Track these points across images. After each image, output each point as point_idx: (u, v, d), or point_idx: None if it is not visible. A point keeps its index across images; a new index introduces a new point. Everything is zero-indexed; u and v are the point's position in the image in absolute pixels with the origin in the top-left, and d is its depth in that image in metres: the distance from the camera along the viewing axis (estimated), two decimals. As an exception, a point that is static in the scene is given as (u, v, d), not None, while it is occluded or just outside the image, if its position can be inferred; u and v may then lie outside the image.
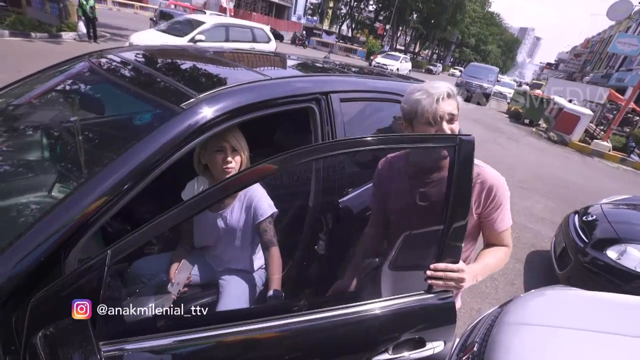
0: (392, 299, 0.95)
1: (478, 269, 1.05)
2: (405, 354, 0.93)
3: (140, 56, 1.41)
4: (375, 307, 0.92)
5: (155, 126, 0.95)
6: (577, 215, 3.17)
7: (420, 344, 0.95)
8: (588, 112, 10.78)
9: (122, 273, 0.79)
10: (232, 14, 29.16)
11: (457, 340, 1.61)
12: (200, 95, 1.03)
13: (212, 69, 1.43)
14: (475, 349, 1.42)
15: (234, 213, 1.27)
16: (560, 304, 1.52)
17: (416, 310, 0.95)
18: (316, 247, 1.30)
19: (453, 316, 1.00)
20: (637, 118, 12.27)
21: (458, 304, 1.30)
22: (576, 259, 2.69)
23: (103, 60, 1.34)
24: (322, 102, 1.35)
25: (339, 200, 1.42)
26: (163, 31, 7.80)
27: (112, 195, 0.81)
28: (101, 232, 1.12)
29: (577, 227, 2.97)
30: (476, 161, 1.07)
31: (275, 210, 1.26)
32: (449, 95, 1.03)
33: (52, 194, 1.08)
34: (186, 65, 1.43)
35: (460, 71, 30.06)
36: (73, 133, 1.29)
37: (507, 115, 14.53)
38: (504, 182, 1.13)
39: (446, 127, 1.02)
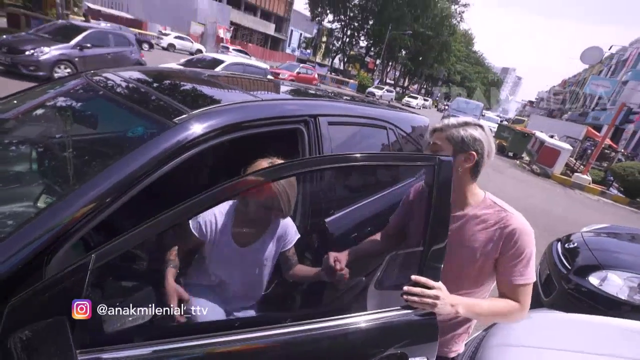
0: (376, 312, 0.95)
1: (462, 302, 0.99)
2: (390, 368, 0.93)
3: (137, 75, 1.47)
4: (359, 320, 0.92)
5: (147, 139, 0.98)
6: (559, 243, 3.23)
7: (403, 358, 0.95)
8: (568, 146, 11.28)
9: (103, 283, 0.78)
10: (229, 44, 30.26)
11: None
12: (193, 112, 1.07)
13: (205, 89, 1.49)
14: None
15: (266, 245, 1.19)
16: (543, 326, 1.53)
17: (399, 326, 0.95)
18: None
19: (435, 334, 1.00)
20: (613, 154, 12.86)
21: (461, 348, 1.26)
22: (560, 286, 2.72)
23: (100, 77, 1.39)
24: (311, 124, 1.41)
25: (326, 220, 1.44)
26: (182, 65, 7.69)
27: (100, 203, 0.82)
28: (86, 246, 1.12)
29: (560, 255, 3.02)
30: (505, 205, 1.11)
31: (299, 235, 1.22)
32: (434, 130, 1.13)
33: (38, 204, 1.08)
34: (181, 85, 1.49)
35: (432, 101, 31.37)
36: (64, 146, 1.31)
37: (492, 148, 15.04)
38: (531, 232, 1.07)
39: None
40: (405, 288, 0.94)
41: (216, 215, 1.14)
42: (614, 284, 2.47)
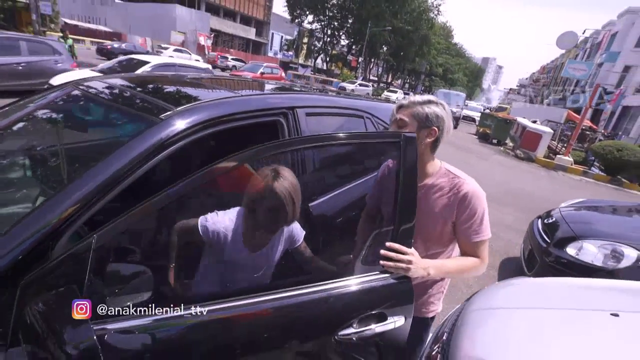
0: (356, 277, 1.05)
1: (431, 264, 1.12)
2: (371, 326, 1.02)
3: (124, 81, 1.54)
4: (339, 285, 1.02)
5: (136, 135, 1.06)
6: (540, 220, 3.40)
7: (382, 318, 1.05)
8: (549, 130, 11.62)
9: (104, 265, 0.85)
10: (210, 51, 30.17)
11: (431, 335, 1.70)
12: (177, 109, 1.16)
13: (188, 89, 1.57)
14: (444, 338, 1.51)
15: (275, 248, 1.20)
16: (518, 289, 1.65)
17: (377, 289, 1.05)
18: None
19: (410, 296, 1.11)
20: (594, 134, 13.30)
21: (439, 308, 1.38)
22: (541, 259, 2.87)
23: (88, 84, 1.46)
24: (290, 116, 1.51)
25: (310, 205, 1.54)
26: (100, 71, 6.73)
27: (99, 192, 0.90)
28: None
29: (540, 230, 3.18)
30: (458, 172, 1.22)
31: (304, 232, 1.22)
32: (400, 106, 1.21)
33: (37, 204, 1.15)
34: (165, 87, 1.57)
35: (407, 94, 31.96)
36: (59, 151, 1.38)
37: (477, 137, 15.36)
38: (482, 194, 1.17)
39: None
40: (382, 252, 1.04)
41: (226, 221, 1.12)
42: (590, 252, 2.63)
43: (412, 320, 1.23)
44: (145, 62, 6.86)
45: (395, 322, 1.06)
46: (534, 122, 12.81)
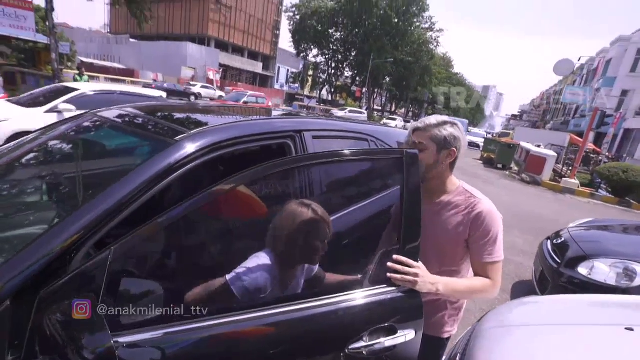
0: (364, 290, 1.06)
1: (441, 280, 1.11)
2: (381, 339, 1.02)
3: (141, 109, 1.65)
4: (349, 297, 1.03)
5: (152, 155, 1.13)
6: (549, 241, 3.36)
7: (392, 331, 1.05)
8: (553, 153, 11.65)
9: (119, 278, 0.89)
10: (219, 84, 31.45)
11: (445, 357, 1.66)
12: (191, 132, 1.24)
13: (199, 115, 1.67)
14: (457, 358, 1.47)
15: (300, 277, 1.14)
16: (531, 307, 1.62)
17: (386, 301, 1.06)
18: None
19: (419, 310, 1.11)
20: (598, 157, 13.28)
21: (455, 329, 1.36)
22: (553, 280, 2.81)
23: (107, 113, 1.56)
24: (297, 139, 1.58)
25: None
26: (17, 103, 5.83)
27: (119, 208, 0.95)
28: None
29: (550, 251, 3.14)
30: (475, 192, 1.26)
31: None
32: (416, 129, 1.24)
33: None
34: (179, 114, 1.67)
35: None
36: (74, 175, 1.46)
37: (482, 162, 15.40)
38: (497, 215, 1.19)
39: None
40: (389, 265, 1.06)
41: (259, 271, 1.02)
42: (602, 271, 2.58)
43: (428, 340, 1.24)
44: (72, 90, 5.93)
45: (406, 335, 1.06)
46: (538, 146, 12.89)
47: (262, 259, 1.03)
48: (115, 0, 12.43)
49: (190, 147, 1.17)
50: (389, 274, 1.06)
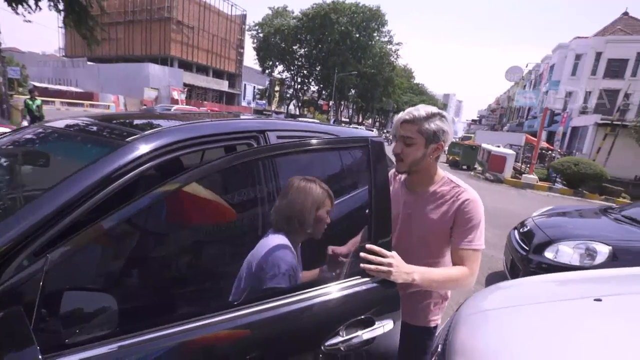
0: (337, 284, 1.02)
1: (416, 270, 1.08)
2: (359, 332, 0.97)
3: (94, 118, 1.54)
4: (322, 292, 0.98)
5: (100, 158, 1.04)
6: (516, 230, 3.50)
7: (369, 324, 1.00)
8: (512, 152, 12.40)
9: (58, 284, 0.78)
10: (185, 104, 30.78)
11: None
12: (145, 132, 1.16)
13: (159, 120, 1.58)
14: (439, 349, 1.45)
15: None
16: (506, 291, 1.65)
17: (361, 293, 1.02)
18: None
19: (396, 300, 1.08)
20: (552, 153, 14.28)
21: (440, 319, 1.36)
22: (523, 267, 2.91)
23: (53, 123, 1.44)
24: (261, 139, 1.53)
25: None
26: None
27: (70, 206, 0.85)
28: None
29: (517, 240, 3.26)
30: (459, 182, 1.25)
31: None
32: (404, 121, 1.20)
33: None
34: (136, 120, 1.57)
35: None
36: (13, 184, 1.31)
37: (448, 164, 16.04)
38: (480, 204, 1.20)
39: (402, 147, 1.20)
40: (361, 255, 1.02)
41: (290, 254, 1.04)
42: (566, 253, 2.70)
43: (415, 330, 1.24)
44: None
45: (384, 326, 1.02)
46: (498, 146, 13.66)
47: (278, 239, 1.03)
48: (67, 22, 11.81)
49: (144, 148, 1.08)
50: (362, 265, 1.02)
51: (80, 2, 11.07)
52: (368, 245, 1.04)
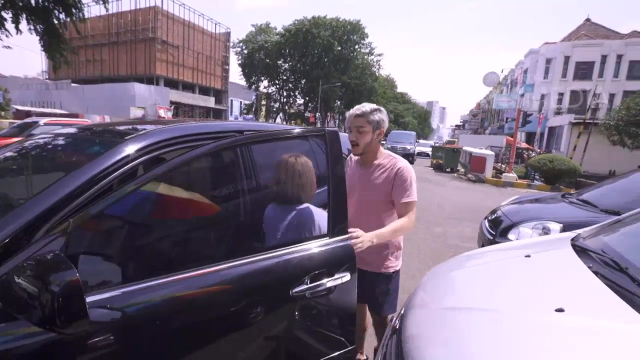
0: (304, 244, 1.25)
1: (373, 234, 1.43)
2: (322, 281, 1.20)
3: (94, 125, 1.76)
4: (291, 250, 1.21)
5: (101, 153, 1.26)
6: (486, 219, 3.79)
7: (330, 274, 1.24)
8: (491, 152, 12.91)
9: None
10: (171, 122, 30.76)
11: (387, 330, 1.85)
12: (140, 132, 1.39)
13: (152, 125, 1.81)
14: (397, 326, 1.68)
15: None
16: (454, 261, 1.89)
17: (322, 250, 1.26)
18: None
19: (352, 255, 1.32)
20: (530, 153, 14.89)
21: (399, 264, 1.72)
22: (491, 251, 3.18)
23: (60, 129, 1.66)
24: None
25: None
26: None
27: (71, 199, 1.05)
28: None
29: (487, 227, 3.55)
30: (395, 156, 1.65)
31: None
32: (356, 115, 1.60)
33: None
34: (133, 125, 1.80)
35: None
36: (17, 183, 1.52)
37: (432, 168, 16.52)
38: (410, 168, 1.62)
39: (357, 135, 1.59)
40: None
41: (320, 212, 1.38)
42: (526, 234, 2.99)
43: (378, 277, 1.61)
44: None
45: (342, 278, 1.25)
46: (481, 149, 14.20)
47: (310, 208, 1.39)
48: (46, 46, 11.63)
49: (139, 144, 1.31)
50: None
51: (54, 25, 11.05)
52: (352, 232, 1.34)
